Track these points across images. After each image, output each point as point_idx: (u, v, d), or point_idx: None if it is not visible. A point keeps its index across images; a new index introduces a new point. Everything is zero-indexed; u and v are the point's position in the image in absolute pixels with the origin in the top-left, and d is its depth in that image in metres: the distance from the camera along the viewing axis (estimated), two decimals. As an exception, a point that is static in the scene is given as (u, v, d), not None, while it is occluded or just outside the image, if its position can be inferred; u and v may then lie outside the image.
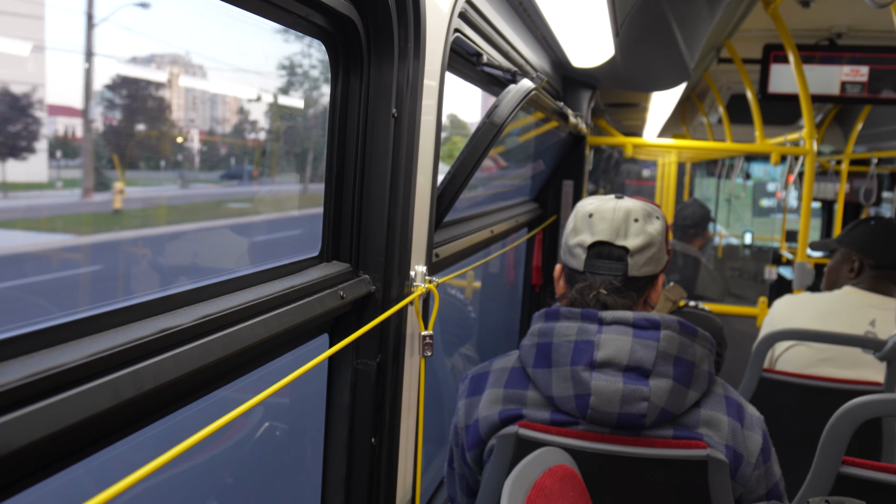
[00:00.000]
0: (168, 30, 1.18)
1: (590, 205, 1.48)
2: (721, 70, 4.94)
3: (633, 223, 1.43)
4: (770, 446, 1.39)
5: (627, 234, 1.42)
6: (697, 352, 1.36)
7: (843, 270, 2.52)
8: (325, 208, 1.20)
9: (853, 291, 2.41)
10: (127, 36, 1.03)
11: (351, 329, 1.18)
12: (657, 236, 1.44)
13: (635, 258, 1.42)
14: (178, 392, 0.81)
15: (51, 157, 1.63)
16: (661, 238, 1.46)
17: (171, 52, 1.47)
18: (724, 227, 10.06)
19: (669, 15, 2.16)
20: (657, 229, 1.45)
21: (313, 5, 1.00)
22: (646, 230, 1.43)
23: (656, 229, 1.45)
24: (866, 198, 6.01)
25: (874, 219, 2.52)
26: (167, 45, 1.21)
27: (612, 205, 1.46)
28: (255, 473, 2.04)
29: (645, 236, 1.42)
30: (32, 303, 1.60)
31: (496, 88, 1.92)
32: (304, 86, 2.75)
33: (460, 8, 1.35)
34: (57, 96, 1.25)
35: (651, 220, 1.45)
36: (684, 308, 2.30)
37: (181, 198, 2.60)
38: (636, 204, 1.46)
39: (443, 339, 3.10)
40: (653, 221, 1.46)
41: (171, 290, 0.81)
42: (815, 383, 2.14)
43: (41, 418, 0.56)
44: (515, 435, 1.35)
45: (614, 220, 1.43)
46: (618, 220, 1.43)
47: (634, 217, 1.43)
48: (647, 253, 1.42)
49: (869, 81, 3.64)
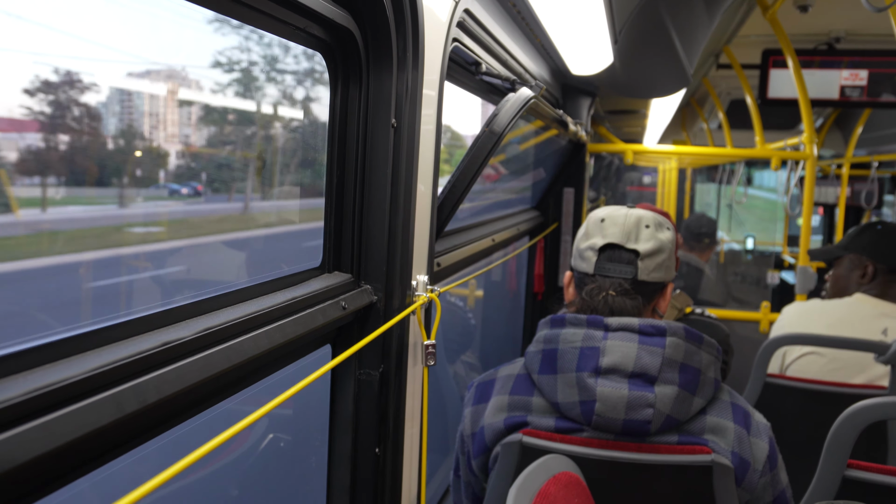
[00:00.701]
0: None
1: (602, 211, 1.52)
2: (720, 76, 4.95)
3: (644, 229, 1.46)
4: (777, 454, 1.39)
5: (639, 238, 1.45)
6: (703, 359, 1.36)
7: (854, 277, 2.49)
8: (325, 219, 1.20)
9: (864, 299, 2.38)
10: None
11: (353, 339, 1.18)
12: (667, 244, 1.47)
13: (645, 262, 1.44)
14: (181, 405, 0.81)
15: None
16: (670, 246, 1.48)
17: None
18: (725, 234, 10.05)
19: (668, 21, 2.17)
20: (667, 238, 1.48)
21: (311, 17, 1.00)
22: (656, 236, 1.46)
23: (667, 237, 1.48)
24: (867, 201, 6.01)
25: (879, 223, 2.51)
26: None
27: (625, 212, 1.49)
28: (259, 485, 2.03)
29: (656, 242, 1.45)
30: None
31: (495, 97, 1.93)
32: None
33: (459, 17, 1.35)
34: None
35: (662, 228, 1.49)
36: (690, 315, 2.30)
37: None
38: (648, 213, 1.50)
39: (445, 347, 3.10)
40: (663, 230, 1.49)
41: (173, 303, 0.81)
42: (819, 387, 2.13)
43: (44, 434, 0.56)
44: (520, 442, 1.35)
45: (626, 224, 1.46)
46: (629, 224, 1.46)
47: (646, 223, 1.47)
48: (658, 258, 1.45)
49: (868, 85, 3.65)
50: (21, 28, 0.94)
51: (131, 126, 1.69)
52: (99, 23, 1.15)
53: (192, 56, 1.68)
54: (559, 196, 3.49)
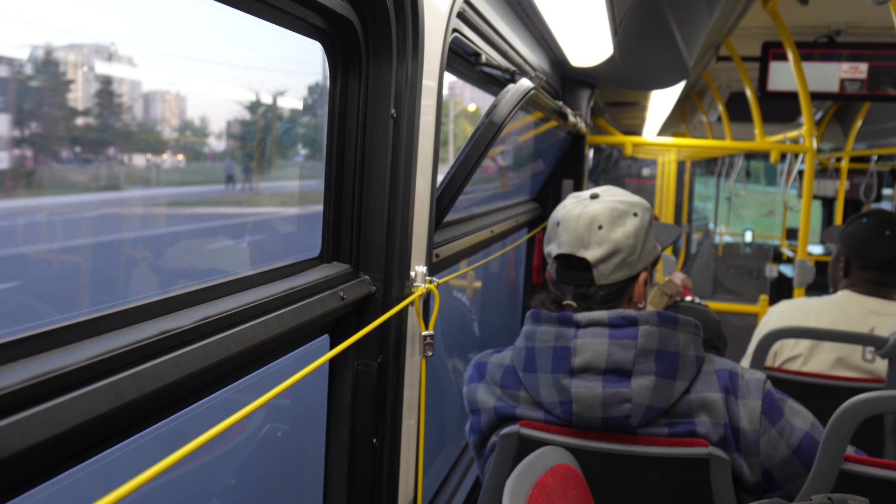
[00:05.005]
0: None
1: (562, 209, 1.45)
2: (720, 68, 4.94)
3: (595, 232, 1.38)
4: (776, 404, 1.34)
5: (589, 245, 1.38)
6: (681, 340, 1.33)
7: (837, 269, 2.41)
8: (324, 209, 1.20)
9: (851, 297, 2.30)
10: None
11: (352, 330, 1.18)
12: (626, 240, 1.39)
13: (600, 268, 1.39)
14: (179, 394, 0.81)
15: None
16: (631, 241, 1.39)
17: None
18: (724, 226, 10.06)
19: (668, 13, 2.16)
20: (627, 232, 1.39)
21: (311, 6, 1.00)
22: (610, 238, 1.38)
23: (626, 232, 1.39)
24: (866, 195, 6.02)
25: (867, 214, 2.37)
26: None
27: (579, 210, 1.41)
28: (257, 474, 2.04)
29: (609, 244, 1.38)
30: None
31: (495, 88, 1.92)
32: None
33: (458, 8, 1.35)
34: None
35: (620, 222, 1.39)
36: (680, 303, 2.29)
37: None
38: (605, 206, 1.40)
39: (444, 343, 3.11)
40: (623, 223, 1.40)
41: (172, 291, 0.81)
42: (816, 381, 2.13)
43: (42, 421, 0.56)
44: (517, 434, 1.35)
45: (577, 229, 1.39)
46: (580, 229, 1.39)
47: (598, 224, 1.38)
48: (613, 261, 1.38)
49: (868, 78, 3.64)
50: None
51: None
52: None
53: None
54: (558, 188, 3.48)
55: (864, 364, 2.19)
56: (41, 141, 1.43)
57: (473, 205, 2.67)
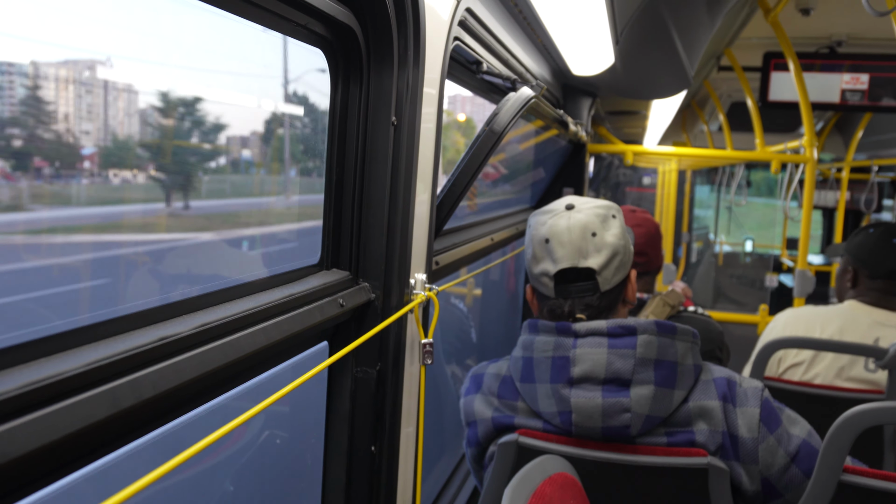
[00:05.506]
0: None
1: (543, 226, 1.42)
2: (721, 78, 4.95)
3: (590, 239, 1.38)
4: (774, 412, 1.34)
5: (588, 254, 1.38)
6: (679, 349, 1.33)
7: (844, 280, 2.44)
8: (324, 216, 1.20)
9: (857, 306, 2.32)
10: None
11: (351, 337, 1.18)
12: (619, 241, 1.40)
13: (603, 274, 1.38)
14: (177, 401, 0.81)
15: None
16: (622, 241, 1.41)
17: None
18: (724, 235, 10.06)
19: (669, 22, 2.17)
20: (616, 233, 1.40)
21: (312, 14, 1.00)
22: (606, 241, 1.38)
23: (615, 234, 1.40)
24: (867, 206, 6.02)
25: (874, 225, 2.43)
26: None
27: (565, 223, 1.39)
28: (255, 481, 2.03)
29: (608, 248, 1.38)
30: None
31: (496, 96, 1.92)
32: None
33: (460, 16, 1.35)
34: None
35: (607, 225, 1.40)
36: (682, 313, 2.28)
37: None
38: (589, 213, 1.40)
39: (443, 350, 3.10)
40: (610, 226, 1.40)
41: (170, 298, 0.81)
42: (816, 391, 2.13)
43: (40, 427, 0.56)
44: (516, 443, 1.35)
45: (572, 241, 1.38)
46: (575, 240, 1.38)
47: (592, 231, 1.38)
48: (614, 263, 1.39)
49: (869, 89, 3.65)
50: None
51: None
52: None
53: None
54: (558, 196, 3.47)
55: (866, 374, 2.19)
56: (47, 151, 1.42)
57: (474, 213, 2.67)
